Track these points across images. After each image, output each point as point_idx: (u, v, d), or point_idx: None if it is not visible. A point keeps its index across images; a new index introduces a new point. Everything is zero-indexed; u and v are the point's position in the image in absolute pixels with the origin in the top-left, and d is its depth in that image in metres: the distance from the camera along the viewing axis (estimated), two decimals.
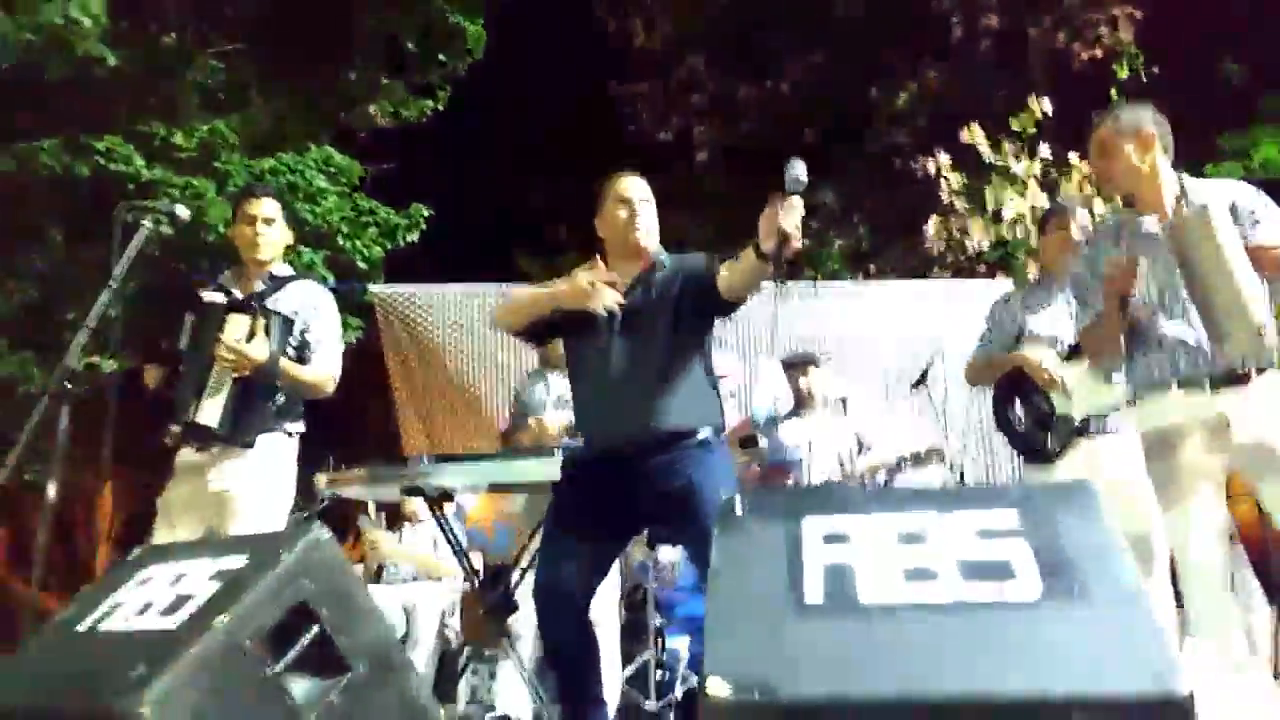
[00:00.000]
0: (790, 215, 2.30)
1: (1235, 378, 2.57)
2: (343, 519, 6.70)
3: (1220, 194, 2.60)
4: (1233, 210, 2.53)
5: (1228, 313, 2.35)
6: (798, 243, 2.29)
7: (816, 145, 13.81)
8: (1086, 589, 1.34)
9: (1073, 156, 9.05)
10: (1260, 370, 2.57)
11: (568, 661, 2.71)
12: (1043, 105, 9.19)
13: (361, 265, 6.91)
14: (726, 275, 2.68)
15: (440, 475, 3.56)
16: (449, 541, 3.69)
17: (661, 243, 2.93)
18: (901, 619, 1.34)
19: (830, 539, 1.50)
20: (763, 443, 4.88)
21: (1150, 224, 2.68)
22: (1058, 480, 3.06)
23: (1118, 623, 1.30)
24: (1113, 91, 10.95)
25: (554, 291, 2.79)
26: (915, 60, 12.65)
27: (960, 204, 10.24)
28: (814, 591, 1.40)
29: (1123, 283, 2.61)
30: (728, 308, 2.75)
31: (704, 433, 2.76)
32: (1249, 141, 8.84)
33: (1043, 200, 8.89)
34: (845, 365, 5.61)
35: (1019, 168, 9.54)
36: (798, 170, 2.34)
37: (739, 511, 1.58)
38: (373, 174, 7.78)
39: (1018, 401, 3.34)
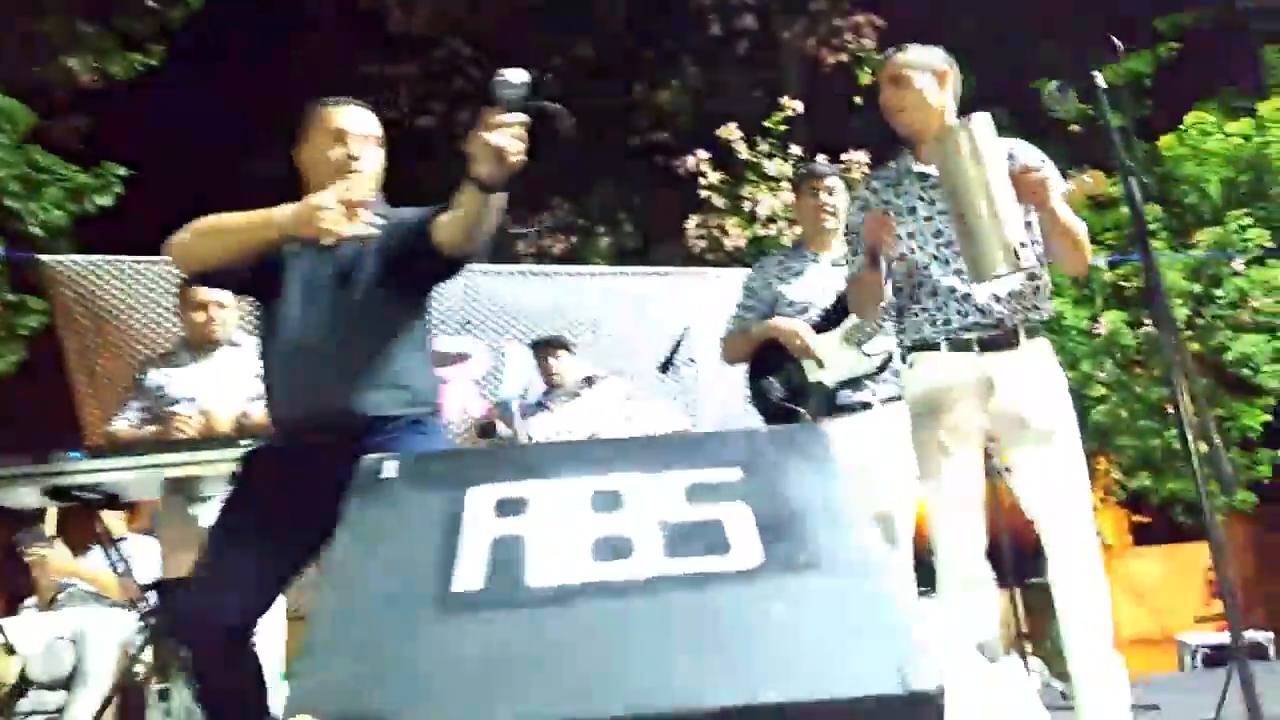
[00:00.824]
0: (502, 130, 1.86)
1: (1003, 340, 2.46)
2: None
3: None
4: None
5: (982, 228, 2.19)
6: (515, 159, 1.85)
7: (581, 141, 13.68)
8: (816, 555, 1.05)
9: (821, 157, 9.33)
10: (1031, 334, 2.47)
11: (227, 709, 2.16)
12: (794, 106, 9.41)
13: (38, 231, 5.84)
14: (443, 223, 2.10)
15: (92, 472, 2.92)
16: (108, 557, 3.05)
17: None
18: (579, 606, 0.99)
19: (503, 508, 1.13)
20: (505, 431, 4.50)
21: (930, 166, 2.52)
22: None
23: (854, 597, 1.02)
24: (856, 98, 11.53)
25: (277, 215, 2.15)
26: (675, 58, 12.75)
27: (718, 202, 10.36)
28: (470, 576, 1.03)
29: (873, 234, 2.44)
30: (445, 265, 2.17)
31: (417, 412, 2.28)
32: None
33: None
34: (595, 353, 5.33)
35: (772, 167, 9.76)
36: (506, 76, 1.89)
37: (386, 477, 1.18)
38: (65, 131, 6.69)
39: (771, 375, 3.15)
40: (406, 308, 2.30)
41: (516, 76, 1.86)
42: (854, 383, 3.06)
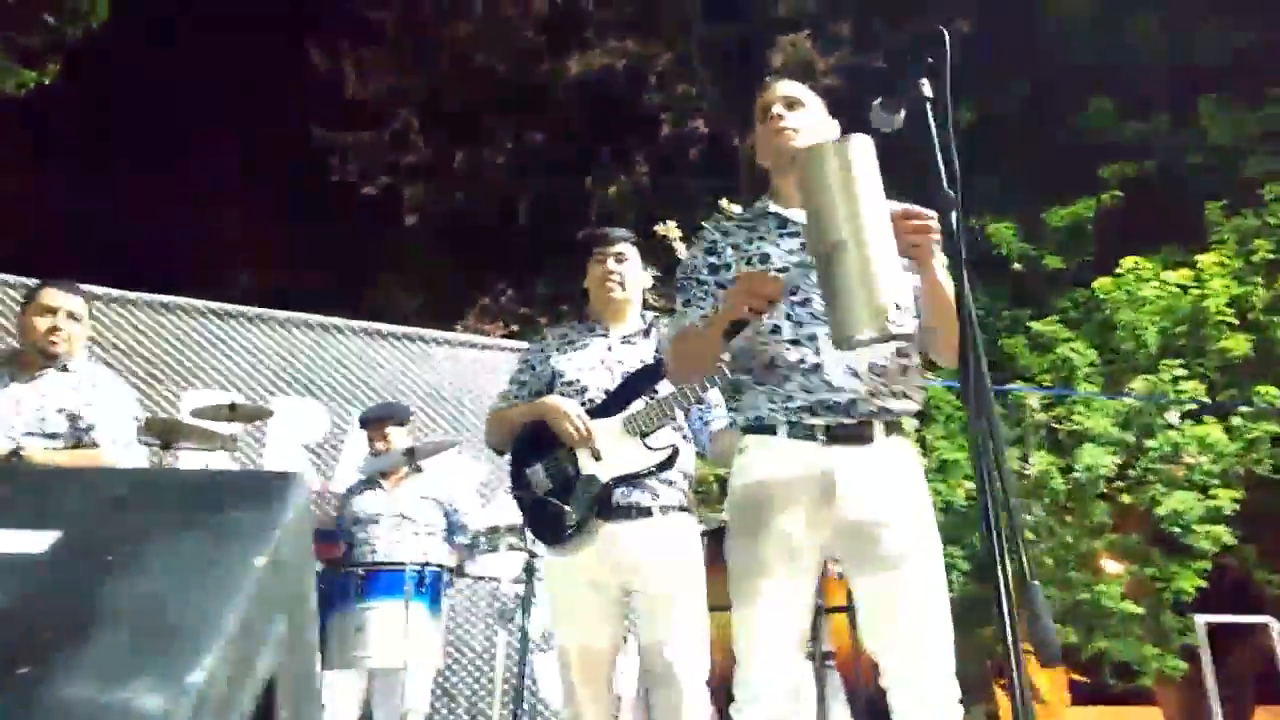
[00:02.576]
0: None
1: (856, 431, 1.93)
2: None
3: None
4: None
5: (848, 277, 1.59)
6: None
7: (530, 229, 13.33)
8: None
9: None
10: (891, 428, 1.95)
11: None
12: (733, 209, 9.17)
13: None
14: None
15: None
16: None
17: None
18: None
19: None
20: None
21: (795, 213, 2.03)
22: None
23: None
24: None
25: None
26: (626, 155, 12.57)
27: (651, 299, 10.00)
28: None
29: (752, 295, 1.82)
30: None
31: None
32: None
33: None
34: (446, 424, 4.77)
35: None
36: None
37: None
38: None
39: (537, 463, 2.59)
40: None
41: None
42: (633, 480, 2.54)
